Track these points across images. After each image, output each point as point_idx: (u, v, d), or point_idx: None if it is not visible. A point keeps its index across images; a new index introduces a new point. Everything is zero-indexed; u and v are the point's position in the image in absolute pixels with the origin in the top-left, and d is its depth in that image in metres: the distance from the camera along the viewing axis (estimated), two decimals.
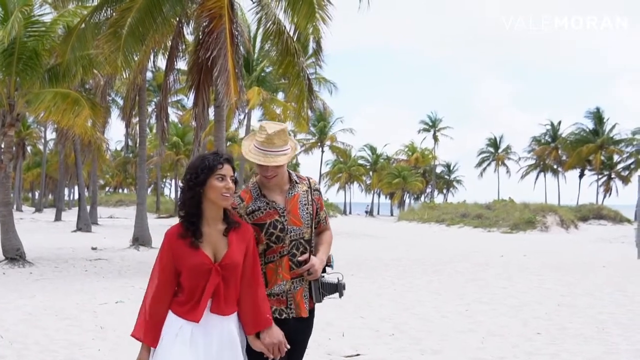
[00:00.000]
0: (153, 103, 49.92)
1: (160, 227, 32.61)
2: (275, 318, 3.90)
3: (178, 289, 3.72)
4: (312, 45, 19.44)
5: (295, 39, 18.55)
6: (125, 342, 8.70)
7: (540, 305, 11.75)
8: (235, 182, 3.76)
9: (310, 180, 4.22)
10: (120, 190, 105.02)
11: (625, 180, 73.70)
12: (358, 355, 7.93)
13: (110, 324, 9.88)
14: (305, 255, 3.99)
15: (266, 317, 3.80)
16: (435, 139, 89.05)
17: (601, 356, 8.02)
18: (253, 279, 3.80)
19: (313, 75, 32.83)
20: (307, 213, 4.06)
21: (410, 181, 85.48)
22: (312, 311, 4.08)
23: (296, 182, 4.12)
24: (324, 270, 4.07)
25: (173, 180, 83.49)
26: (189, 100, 50.81)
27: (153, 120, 55.09)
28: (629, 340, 8.90)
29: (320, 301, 4.05)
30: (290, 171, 4.15)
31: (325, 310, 11.03)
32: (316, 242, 4.13)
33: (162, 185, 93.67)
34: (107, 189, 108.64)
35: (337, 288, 4.05)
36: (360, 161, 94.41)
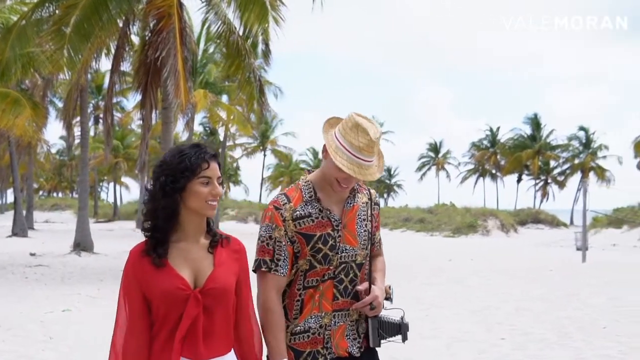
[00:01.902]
0: (91, 105, 48.85)
1: (99, 232, 31.95)
2: None
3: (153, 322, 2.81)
4: (261, 47, 19.16)
5: (245, 40, 18.23)
6: (77, 353, 8.31)
7: (499, 310, 11.72)
8: (221, 183, 2.91)
9: (371, 192, 3.34)
10: (55, 194, 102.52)
11: (561, 185, 75.49)
12: None
13: (60, 334, 9.44)
14: (366, 284, 3.13)
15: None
16: None
17: None
18: (243, 314, 2.93)
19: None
20: (364, 230, 3.18)
21: None
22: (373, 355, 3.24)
23: (356, 191, 3.25)
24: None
25: (111, 184, 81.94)
26: (129, 102, 50.32)
27: (91, 123, 53.92)
28: (592, 345, 8.89)
29: (378, 345, 3.16)
30: None
31: None
32: (371, 269, 3.23)
33: (100, 189, 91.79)
34: (40, 192, 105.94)
35: (399, 329, 3.17)
36: (302, 165, 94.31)
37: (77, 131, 45.66)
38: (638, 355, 8.24)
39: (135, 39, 19.99)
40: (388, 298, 3.25)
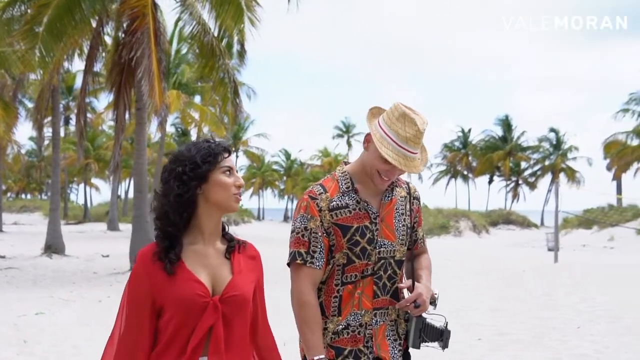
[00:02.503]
0: (61, 106, 48.29)
1: (70, 234, 31.62)
2: None
3: (157, 337, 2.50)
4: (236, 47, 19.09)
5: (220, 41, 18.15)
6: (53, 356, 8.20)
7: (475, 311, 11.78)
8: None
9: (410, 185, 3.21)
10: (23, 196, 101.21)
11: (532, 186, 76.24)
12: None
13: (34, 337, 9.30)
14: (409, 282, 3.01)
15: None
16: (349, 144, 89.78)
17: None
18: (262, 325, 2.70)
19: None
20: (403, 225, 3.06)
21: None
22: (407, 355, 3.11)
23: (394, 184, 3.13)
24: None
25: (81, 186, 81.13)
26: (100, 102, 49.84)
27: (61, 123, 53.33)
28: (567, 345, 8.98)
29: (418, 347, 3.03)
30: None
31: None
32: (415, 267, 3.11)
33: (69, 191, 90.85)
34: (9, 194, 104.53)
35: (441, 335, 3.03)
36: (274, 166, 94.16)
37: (47, 132, 45.20)
38: (612, 354, 8.34)
39: (108, 39, 19.79)
40: (432, 302, 3.07)
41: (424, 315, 3.02)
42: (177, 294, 2.42)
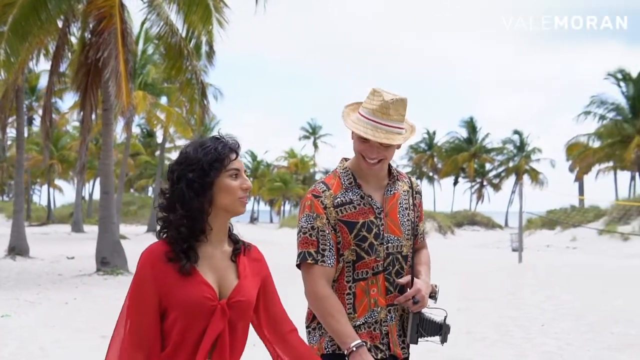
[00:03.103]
0: (24, 106, 47.69)
1: (33, 235, 31.18)
2: None
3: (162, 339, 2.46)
4: (204, 48, 19.07)
5: (188, 42, 18.12)
6: (21, 359, 8.14)
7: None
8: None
9: (412, 180, 3.18)
10: None
11: (496, 187, 77.12)
12: None
13: (0, 340, 9.20)
14: (407, 278, 2.98)
15: None
16: (316, 145, 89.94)
17: (511, 359, 8.19)
18: (284, 324, 2.63)
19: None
20: (407, 220, 3.03)
21: (291, 187, 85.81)
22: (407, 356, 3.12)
23: (396, 178, 3.10)
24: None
25: (44, 187, 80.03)
26: (64, 103, 49.32)
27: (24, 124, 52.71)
28: (531, 342, 9.16)
29: (415, 342, 3.00)
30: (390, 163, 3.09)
31: None
32: (414, 262, 3.06)
33: (32, 192, 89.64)
34: None
35: (440, 329, 3.00)
36: None
37: (9, 132, 44.60)
38: (575, 350, 8.54)
39: (73, 40, 19.62)
40: (432, 296, 3.06)
41: (423, 310, 2.98)
42: (186, 296, 2.37)
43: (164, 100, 40.05)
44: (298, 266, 2.95)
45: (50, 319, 10.80)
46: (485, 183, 78.05)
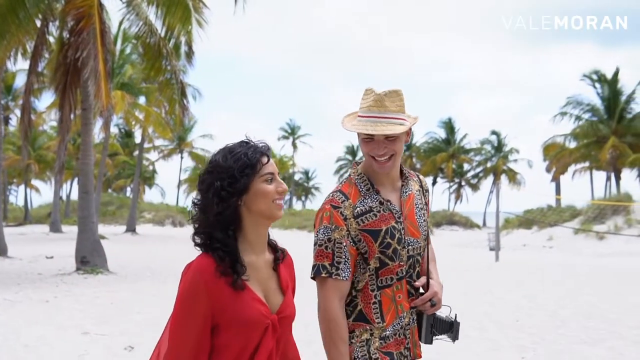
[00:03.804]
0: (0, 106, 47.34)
1: (11, 235, 31.01)
2: None
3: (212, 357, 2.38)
4: (183, 49, 19.13)
5: (167, 42, 18.18)
6: (5, 357, 8.20)
7: None
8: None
9: (420, 177, 3.16)
10: None
11: (474, 187, 77.66)
12: None
13: None
14: (423, 280, 2.96)
15: None
16: (294, 146, 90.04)
17: (487, 352, 8.38)
18: (289, 345, 2.61)
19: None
20: (424, 221, 3.01)
21: None
22: None
23: (408, 178, 3.04)
24: None
25: (20, 187, 79.38)
26: (40, 102, 48.96)
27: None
28: (506, 336, 9.37)
29: (430, 342, 2.97)
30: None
31: None
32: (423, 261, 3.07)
33: (8, 192, 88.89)
34: None
35: (451, 327, 3.00)
36: None
37: None
38: (548, 344, 8.78)
39: (51, 39, 19.60)
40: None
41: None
42: (242, 314, 2.31)
43: (142, 100, 39.97)
44: (313, 278, 2.87)
45: (32, 317, 10.84)
46: (463, 183, 78.57)
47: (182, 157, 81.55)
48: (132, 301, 12.73)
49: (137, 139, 57.79)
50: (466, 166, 77.86)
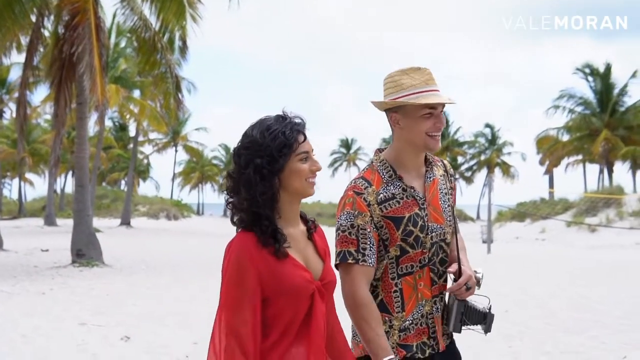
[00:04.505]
0: None
1: (6, 229, 31.12)
2: (417, 359, 2.85)
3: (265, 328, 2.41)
4: (177, 43, 19.27)
5: (162, 37, 18.31)
6: (3, 347, 8.35)
7: None
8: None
9: (445, 162, 3.12)
10: None
11: (469, 180, 77.83)
12: None
13: None
14: (455, 266, 2.87)
15: None
16: None
17: (474, 342, 8.58)
18: (333, 317, 2.62)
19: None
20: (448, 206, 2.96)
21: None
22: (451, 342, 3.01)
23: (432, 164, 3.00)
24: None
25: (14, 180, 79.30)
26: (34, 95, 48.96)
27: None
28: (497, 327, 9.53)
29: (459, 331, 2.91)
30: None
31: (204, 308, 11.10)
32: (451, 248, 2.99)
33: (2, 186, 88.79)
34: None
35: (484, 318, 2.92)
36: (214, 161, 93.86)
37: None
38: (533, 334, 9.01)
39: (46, 33, 19.71)
40: (477, 283, 2.95)
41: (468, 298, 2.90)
42: (289, 282, 2.36)
43: (137, 93, 40.04)
44: (336, 266, 2.79)
45: (29, 309, 11.00)
46: (457, 176, 78.58)
47: (176, 151, 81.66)
48: (127, 293, 12.91)
49: (132, 132, 57.80)
50: (460, 159, 78.01)
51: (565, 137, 54.99)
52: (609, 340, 8.58)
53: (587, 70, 51.65)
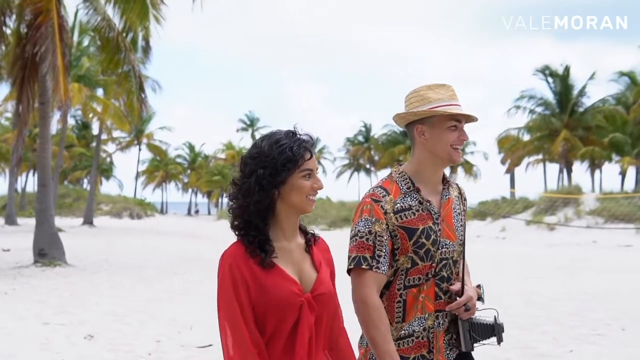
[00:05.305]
0: None
1: None
2: None
3: None
4: (140, 43, 19.32)
5: (125, 37, 18.35)
6: None
7: None
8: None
9: (459, 185, 3.22)
10: None
11: None
12: (211, 345, 8.23)
13: None
14: (458, 285, 2.94)
15: None
16: (254, 138, 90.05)
17: None
18: (336, 324, 2.64)
19: None
20: (461, 225, 3.04)
21: (229, 179, 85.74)
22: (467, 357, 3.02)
23: (449, 184, 3.10)
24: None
25: None
26: None
27: None
28: None
29: (471, 349, 2.94)
30: None
31: (167, 307, 11.24)
32: (456, 269, 3.05)
33: None
34: None
35: (493, 331, 2.93)
36: (178, 160, 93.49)
37: None
38: None
39: (8, 31, 19.59)
40: (479, 298, 3.04)
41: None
42: (274, 293, 2.39)
43: (100, 92, 39.81)
44: (349, 270, 2.86)
45: None
46: None
47: (140, 149, 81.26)
48: (90, 292, 12.97)
49: (94, 130, 57.38)
50: None
51: (526, 137, 55.89)
52: (559, 336, 8.93)
53: (547, 72, 52.58)
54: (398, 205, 2.87)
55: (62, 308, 11.02)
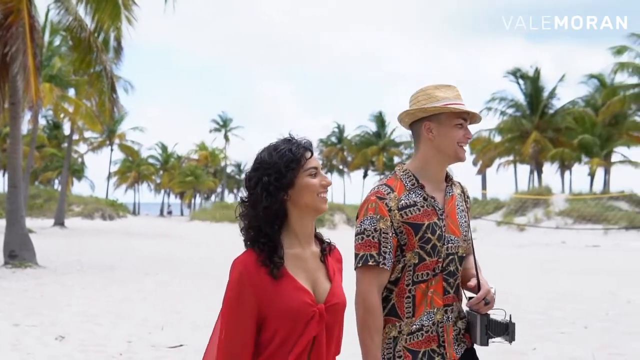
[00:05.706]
0: None
1: None
2: None
3: (258, 348, 2.43)
4: (112, 44, 19.29)
5: (97, 37, 18.31)
6: None
7: (351, 300, 12.70)
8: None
9: (462, 185, 3.28)
10: None
11: None
12: (182, 345, 8.31)
13: None
14: (474, 281, 3.02)
15: None
16: (227, 138, 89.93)
17: None
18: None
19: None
20: (465, 222, 3.11)
21: (202, 180, 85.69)
22: (470, 353, 3.10)
23: (452, 182, 3.18)
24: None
25: None
26: None
27: None
28: None
29: (486, 344, 3.00)
30: None
31: (139, 307, 11.29)
32: (467, 267, 3.13)
33: None
34: None
35: (507, 329, 3.00)
36: (150, 160, 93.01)
37: None
38: None
39: None
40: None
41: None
42: (285, 304, 2.36)
43: (72, 92, 39.55)
44: (357, 267, 2.92)
45: None
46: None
47: (112, 150, 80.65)
48: (61, 293, 12.96)
49: (66, 130, 56.89)
50: (396, 159, 79.07)
51: (497, 139, 56.48)
52: (524, 334, 9.10)
53: (518, 74, 53.20)
54: (402, 202, 2.93)
55: (33, 309, 11.00)
